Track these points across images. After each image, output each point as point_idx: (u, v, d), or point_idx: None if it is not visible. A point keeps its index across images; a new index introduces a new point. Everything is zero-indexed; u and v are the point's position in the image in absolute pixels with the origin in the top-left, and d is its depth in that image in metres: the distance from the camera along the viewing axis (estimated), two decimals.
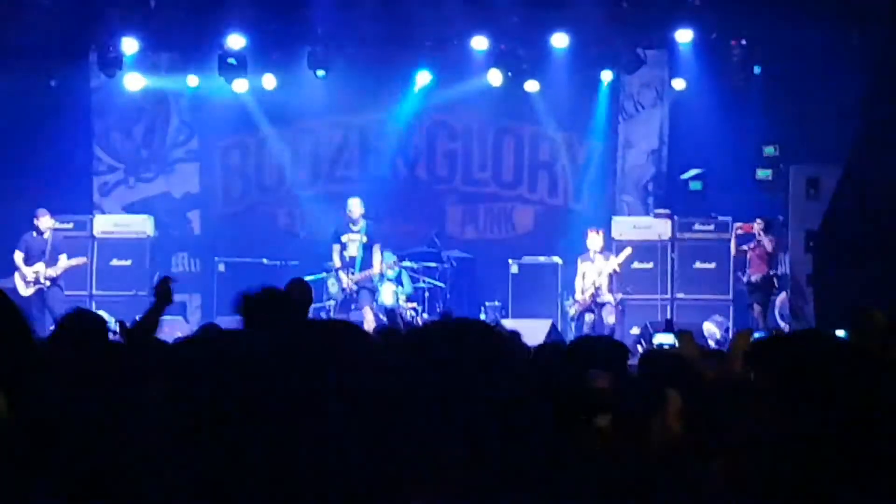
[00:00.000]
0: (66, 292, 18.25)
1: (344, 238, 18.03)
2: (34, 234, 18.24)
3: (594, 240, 18.09)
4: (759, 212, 18.51)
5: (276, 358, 2.27)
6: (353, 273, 17.89)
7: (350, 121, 21.32)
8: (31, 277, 17.91)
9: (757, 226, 18.37)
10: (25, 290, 17.93)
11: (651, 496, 3.54)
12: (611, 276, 17.96)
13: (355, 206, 18.10)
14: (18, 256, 18.08)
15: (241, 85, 19.82)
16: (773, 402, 2.77)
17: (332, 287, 18.21)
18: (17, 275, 18.06)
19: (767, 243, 18.18)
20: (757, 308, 18.03)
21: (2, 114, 19.69)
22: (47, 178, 20.04)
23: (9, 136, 20.01)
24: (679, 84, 19.81)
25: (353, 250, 17.88)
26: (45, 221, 18.24)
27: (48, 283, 17.93)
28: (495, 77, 19.66)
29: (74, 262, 18.42)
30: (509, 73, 19.59)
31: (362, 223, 17.97)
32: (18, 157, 20.07)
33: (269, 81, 20.21)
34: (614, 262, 17.97)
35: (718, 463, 3.78)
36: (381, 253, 18.00)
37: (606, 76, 20.09)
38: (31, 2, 18.21)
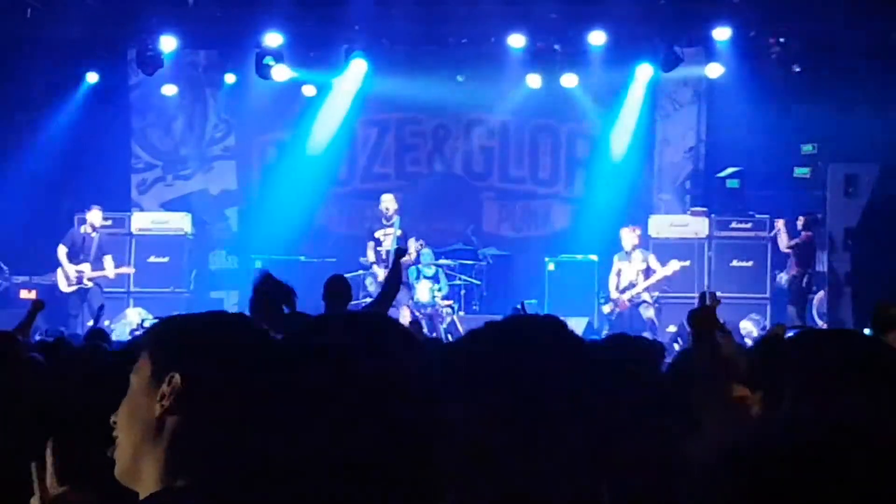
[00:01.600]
0: (105, 289, 18.38)
1: (378, 234, 18.06)
2: (81, 229, 18.32)
3: (629, 237, 18.07)
4: (796, 210, 18.44)
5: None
6: (387, 266, 17.90)
7: (387, 118, 21.35)
8: (73, 277, 17.99)
9: (780, 223, 18.34)
10: (66, 288, 18.03)
11: None
12: (646, 272, 17.95)
13: (389, 202, 18.13)
14: (62, 251, 18.14)
15: (282, 72, 19.77)
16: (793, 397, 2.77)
17: (370, 285, 18.20)
18: (59, 270, 18.14)
19: (784, 237, 18.17)
20: (790, 308, 17.96)
21: (41, 111, 19.83)
22: (86, 175, 20.17)
23: (48, 133, 20.15)
24: (714, 70, 19.60)
25: (388, 245, 17.88)
26: (95, 217, 18.30)
27: (90, 283, 18.02)
28: (535, 81, 19.71)
29: (121, 270, 18.54)
30: (546, 72, 19.61)
31: (396, 219, 17.98)
32: (58, 154, 20.20)
33: (308, 90, 20.38)
34: (661, 273, 17.92)
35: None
36: (417, 245, 17.92)
37: (644, 73, 20.04)
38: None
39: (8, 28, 18.98)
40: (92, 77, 20.47)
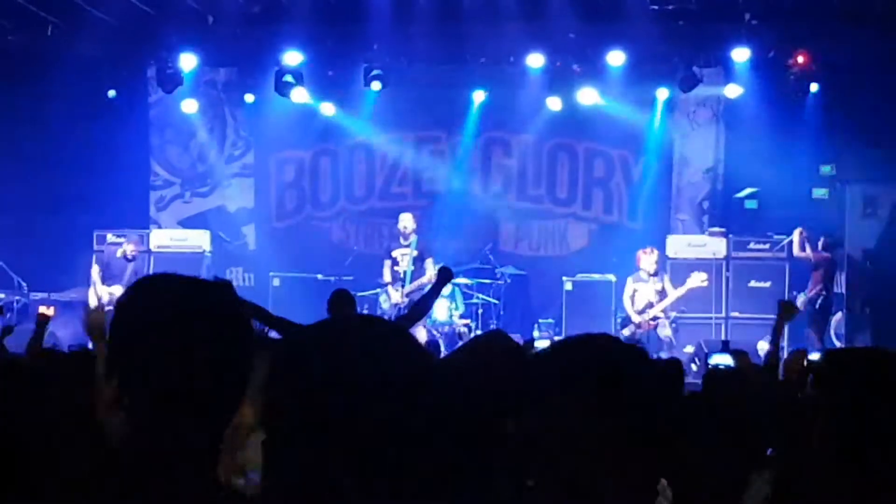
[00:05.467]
0: None
1: (395, 253, 18.04)
2: (117, 253, 18.35)
3: (648, 261, 17.92)
4: (814, 231, 18.38)
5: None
6: (403, 286, 17.87)
7: (405, 136, 21.36)
8: (105, 298, 18.01)
9: (797, 235, 18.25)
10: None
11: None
12: (661, 293, 17.87)
13: (407, 221, 18.11)
14: (95, 271, 18.19)
15: (300, 94, 19.87)
16: (832, 420, 2.77)
17: (384, 303, 18.17)
18: (91, 290, 18.18)
19: (796, 249, 18.14)
20: (807, 331, 17.90)
21: (61, 128, 19.89)
22: (105, 193, 20.22)
23: (67, 150, 20.22)
24: (733, 91, 19.53)
25: (405, 264, 17.88)
26: (130, 248, 18.39)
27: None
28: (553, 100, 19.74)
29: None
30: (564, 91, 19.62)
31: (414, 238, 17.97)
32: (77, 171, 20.27)
33: (327, 109, 20.40)
34: (686, 287, 17.85)
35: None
36: (435, 266, 17.94)
37: (662, 94, 20.04)
38: (91, 17, 18.40)
39: (29, 45, 19.08)
40: (111, 94, 20.54)
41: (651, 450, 2.41)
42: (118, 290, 18.07)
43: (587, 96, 19.75)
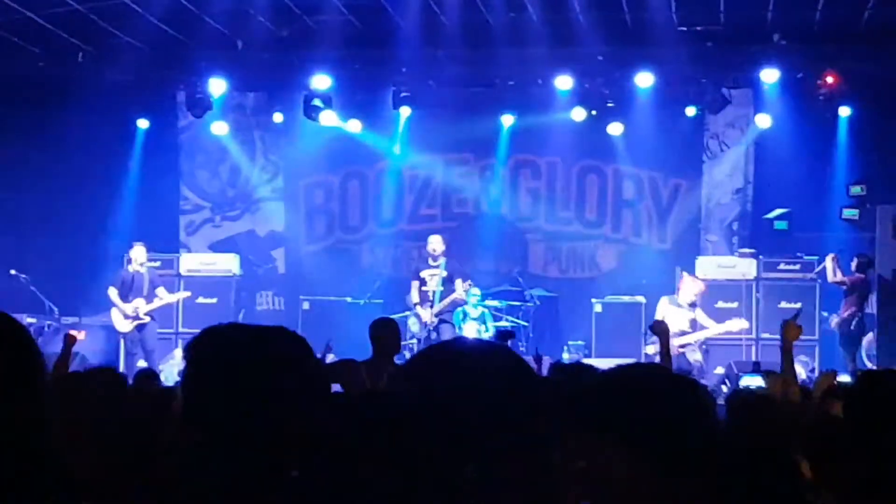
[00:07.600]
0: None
1: (423, 273, 18.00)
2: (129, 269, 18.33)
3: (693, 287, 17.50)
4: (844, 251, 18.28)
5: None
6: (433, 307, 17.81)
7: (433, 159, 21.37)
8: (130, 313, 18.01)
9: (830, 261, 18.09)
10: (124, 326, 18.05)
11: None
12: (692, 323, 17.68)
13: (436, 243, 18.10)
14: (113, 292, 18.15)
15: (329, 117, 19.91)
16: (863, 443, 2.76)
17: (413, 325, 18.09)
18: (114, 311, 18.12)
19: (830, 275, 17.95)
20: (841, 351, 17.77)
21: (91, 153, 19.98)
22: (135, 217, 20.32)
23: (98, 175, 20.30)
24: (764, 121, 19.61)
25: (434, 285, 17.83)
26: (138, 253, 18.28)
27: (147, 318, 18.04)
28: (579, 114, 19.66)
29: (176, 296, 18.56)
30: (593, 112, 19.62)
31: (442, 260, 17.93)
32: (107, 196, 20.37)
33: (354, 126, 20.40)
34: (718, 328, 17.56)
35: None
36: (465, 286, 17.85)
37: (691, 115, 20.00)
38: (121, 43, 18.51)
39: (60, 71, 19.19)
40: (142, 119, 20.65)
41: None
42: (141, 304, 18.05)
43: (616, 122, 19.81)
